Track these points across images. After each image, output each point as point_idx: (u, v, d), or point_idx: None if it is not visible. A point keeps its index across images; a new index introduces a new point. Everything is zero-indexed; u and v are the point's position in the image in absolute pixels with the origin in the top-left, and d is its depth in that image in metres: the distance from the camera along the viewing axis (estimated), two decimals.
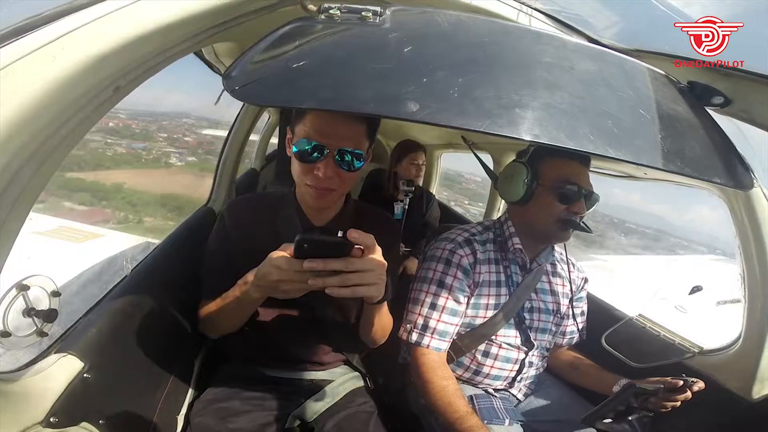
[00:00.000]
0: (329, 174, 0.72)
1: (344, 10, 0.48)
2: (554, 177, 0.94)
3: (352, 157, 0.72)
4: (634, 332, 1.23)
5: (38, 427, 0.54)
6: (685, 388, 0.81)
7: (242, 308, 0.76)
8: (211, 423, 0.79)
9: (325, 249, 0.57)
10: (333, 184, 0.74)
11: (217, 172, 1.58)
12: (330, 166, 0.72)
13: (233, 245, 0.84)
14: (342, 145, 0.71)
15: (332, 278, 0.58)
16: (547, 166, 0.96)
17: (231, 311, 0.77)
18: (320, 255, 0.57)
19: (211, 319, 0.82)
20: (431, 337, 0.95)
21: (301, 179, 0.76)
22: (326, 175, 0.72)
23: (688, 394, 0.82)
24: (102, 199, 8.36)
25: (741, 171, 0.60)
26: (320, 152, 0.71)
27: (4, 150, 0.35)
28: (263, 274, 0.63)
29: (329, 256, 0.58)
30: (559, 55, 0.52)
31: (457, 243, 1.00)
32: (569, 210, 0.93)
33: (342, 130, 0.71)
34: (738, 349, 0.97)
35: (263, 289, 0.66)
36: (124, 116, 10.50)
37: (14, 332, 0.53)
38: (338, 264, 0.58)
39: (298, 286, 0.61)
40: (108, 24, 0.40)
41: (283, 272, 0.60)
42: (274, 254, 0.62)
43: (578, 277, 1.13)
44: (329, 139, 0.70)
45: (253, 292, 0.68)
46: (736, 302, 0.99)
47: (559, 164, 0.95)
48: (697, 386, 0.82)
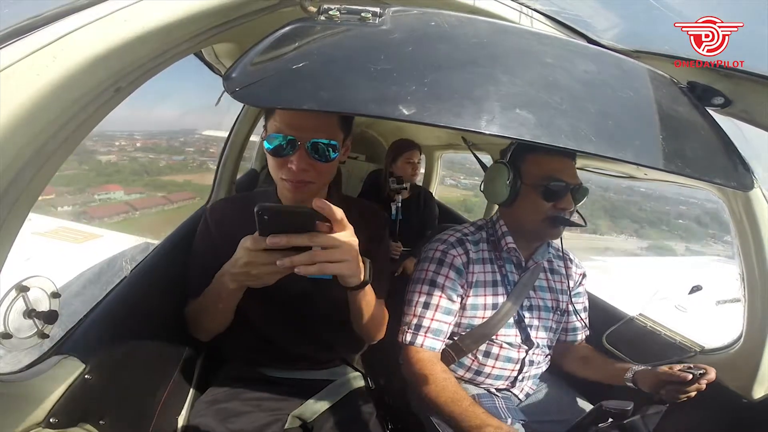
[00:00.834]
0: (302, 166, 0.72)
1: (344, 11, 0.48)
2: (537, 174, 0.93)
3: (326, 147, 0.72)
4: (635, 332, 1.24)
5: (38, 428, 0.54)
6: (693, 380, 0.81)
7: (222, 303, 0.76)
8: (212, 424, 0.79)
9: (287, 221, 0.56)
10: (308, 176, 0.74)
11: (218, 172, 1.58)
12: (303, 158, 0.72)
13: (216, 246, 0.83)
14: (314, 136, 0.71)
15: (299, 256, 0.57)
16: (529, 163, 0.94)
17: (211, 308, 0.78)
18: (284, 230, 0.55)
19: (194, 318, 0.83)
20: (425, 336, 0.95)
21: (276, 174, 0.76)
22: (299, 167, 0.72)
23: (701, 386, 0.82)
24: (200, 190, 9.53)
25: (741, 171, 0.60)
26: (292, 145, 0.71)
27: (5, 151, 0.35)
28: (234, 260, 0.63)
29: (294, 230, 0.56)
30: (559, 56, 0.52)
31: (449, 243, 1.00)
32: (556, 207, 0.92)
33: (312, 123, 0.71)
34: (738, 348, 0.97)
35: (237, 277, 0.65)
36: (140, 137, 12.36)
37: (15, 334, 0.53)
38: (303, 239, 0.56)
39: (267, 268, 0.60)
40: (108, 25, 0.40)
41: (251, 253, 0.59)
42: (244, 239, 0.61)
43: (576, 272, 1.12)
44: (300, 131, 0.70)
45: (228, 282, 0.67)
46: (736, 302, 0.99)
47: (541, 161, 0.93)
48: (706, 378, 0.81)
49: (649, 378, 0.91)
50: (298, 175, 0.73)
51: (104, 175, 11.31)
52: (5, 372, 0.54)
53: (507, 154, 1.00)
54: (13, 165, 0.37)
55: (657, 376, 0.88)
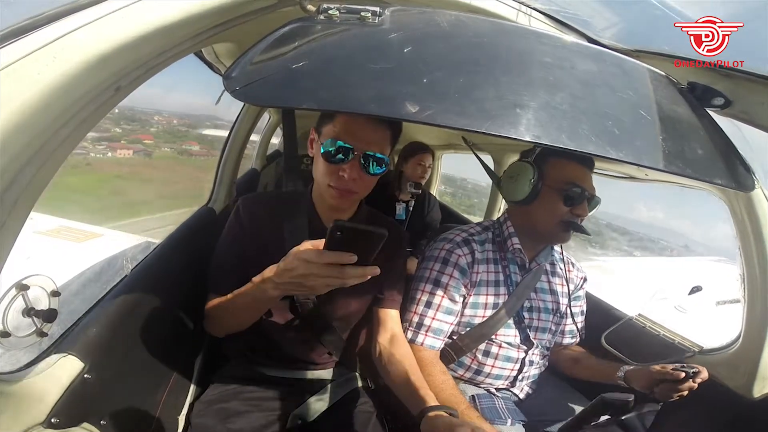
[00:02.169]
0: (353, 176, 0.73)
1: (343, 11, 0.48)
2: (560, 178, 0.94)
3: (376, 162, 0.73)
4: (634, 332, 1.23)
5: (39, 427, 0.54)
6: (687, 378, 0.81)
7: (256, 306, 0.75)
8: (212, 423, 0.79)
9: (359, 240, 0.54)
10: (355, 186, 0.75)
11: (218, 172, 1.58)
12: (355, 168, 0.73)
13: (244, 242, 0.84)
14: (368, 148, 0.72)
15: (354, 270, 0.56)
16: (553, 167, 0.96)
17: (242, 309, 0.76)
18: (351, 248, 0.55)
19: (219, 316, 0.82)
20: (425, 335, 0.95)
21: (324, 179, 0.76)
22: (351, 176, 0.72)
23: (693, 384, 0.82)
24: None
25: (742, 172, 0.60)
26: (346, 154, 0.72)
27: (5, 150, 0.35)
28: (286, 269, 0.60)
29: (361, 249, 0.55)
30: (560, 55, 0.52)
31: (455, 243, 1.00)
32: (572, 212, 0.94)
33: (370, 134, 0.72)
34: (738, 348, 0.97)
35: (284, 287, 0.63)
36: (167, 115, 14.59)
37: (14, 332, 0.53)
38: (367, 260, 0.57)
39: (325, 281, 0.58)
40: (109, 24, 0.40)
41: (312, 266, 0.57)
42: (300, 247, 0.59)
43: (577, 276, 1.13)
44: (357, 141, 0.71)
45: (271, 289, 0.65)
46: (736, 302, 0.99)
47: (565, 166, 0.95)
48: (700, 377, 0.82)
49: (641, 377, 0.91)
50: (348, 183, 0.73)
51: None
52: (4, 371, 0.54)
53: (531, 154, 1.02)
54: (14, 164, 0.37)
55: (649, 375, 0.88)
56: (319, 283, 0.59)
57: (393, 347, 0.87)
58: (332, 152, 0.71)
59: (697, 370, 0.82)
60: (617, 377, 0.96)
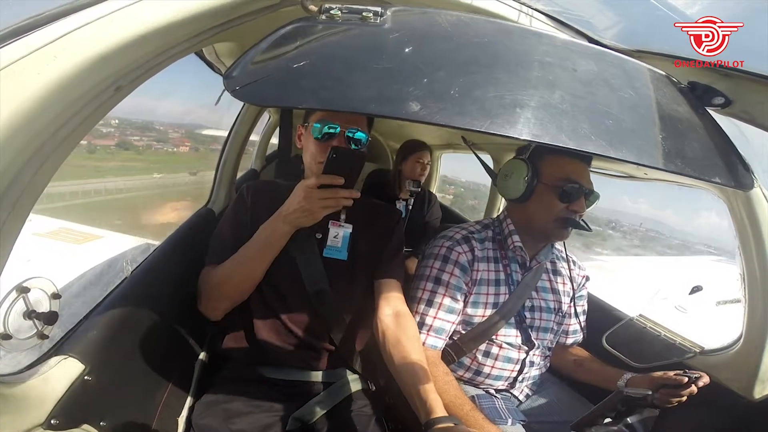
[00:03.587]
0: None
1: (345, 11, 0.48)
2: (555, 175, 0.94)
3: (359, 138, 0.85)
4: (635, 333, 1.23)
5: (39, 429, 0.54)
6: (689, 383, 0.81)
7: (268, 250, 0.83)
8: (214, 424, 0.79)
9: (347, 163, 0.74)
10: None
11: (218, 172, 1.57)
12: (342, 142, 0.83)
13: (246, 222, 0.90)
14: (350, 126, 0.84)
15: (343, 191, 0.75)
16: (548, 163, 0.95)
17: (251, 260, 0.83)
18: (341, 171, 0.73)
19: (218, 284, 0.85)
20: (427, 334, 0.95)
21: (315, 159, 0.85)
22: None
23: (693, 389, 0.81)
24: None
25: (741, 171, 0.60)
26: (334, 130, 0.83)
27: (4, 151, 0.35)
28: (289, 204, 0.78)
29: (347, 172, 0.74)
30: (560, 55, 0.52)
31: (455, 240, 1.00)
32: (569, 208, 0.93)
33: (348, 115, 0.85)
34: (739, 348, 0.97)
35: (291, 217, 0.78)
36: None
37: (15, 335, 0.53)
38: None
39: (321, 203, 0.75)
40: (109, 24, 0.40)
41: (311, 191, 0.75)
42: (301, 183, 0.77)
43: (579, 275, 1.12)
44: (340, 121, 0.83)
45: (281, 224, 0.79)
46: (736, 302, 0.99)
47: (561, 162, 0.94)
48: (702, 381, 0.81)
49: (643, 383, 0.90)
50: None
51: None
52: (5, 373, 0.54)
53: (526, 152, 1.02)
54: (14, 164, 0.37)
55: (652, 380, 0.88)
56: (317, 205, 0.76)
57: (399, 329, 0.84)
58: (321, 131, 0.83)
59: (699, 376, 0.82)
60: (618, 385, 0.94)
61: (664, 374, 0.86)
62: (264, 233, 0.82)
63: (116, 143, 11.04)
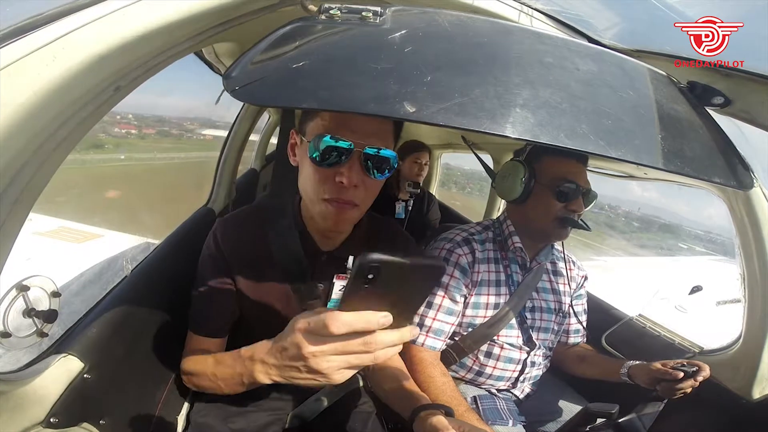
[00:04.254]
0: (354, 181, 0.56)
1: (344, 11, 0.48)
2: (552, 175, 0.94)
3: (382, 159, 0.57)
4: (635, 332, 1.24)
5: (39, 427, 0.54)
6: (686, 378, 0.82)
7: (242, 383, 0.58)
8: (213, 423, 0.79)
9: (397, 281, 0.33)
10: (358, 196, 0.59)
11: (217, 172, 1.58)
12: (356, 170, 0.56)
13: (225, 268, 0.73)
14: (370, 143, 0.56)
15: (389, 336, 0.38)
16: (545, 164, 0.96)
17: (222, 387, 0.62)
18: (384, 295, 0.34)
19: (195, 378, 0.70)
20: (426, 336, 0.95)
21: (316, 192, 0.59)
22: (351, 182, 0.56)
23: (696, 382, 0.83)
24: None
25: (741, 171, 0.60)
26: (344, 153, 0.55)
27: (4, 150, 0.35)
28: (280, 348, 0.44)
29: (396, 293, 0.34)
30: (560, 55, 0.52)
31: (455, 242, 1.00)
32: (567, 208, 0.94)
33: (369, 125, 0.56)
34: (738, 349, 0.97)
35: (281, 371, 0.46)
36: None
37: (14, 333, 0.53)
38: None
39: (343, 360, 0.39)
40: (108, 24, 0.40)
41: (321, 340, 0.39)
42: (300, 317, 0.42)
43: (578, 275, 1.13)
44: (354, 135, 0.55)
45: (261, 374, 0.49)
46: (736, 302, 0.99)
47: (557, 162, 0.95)
48: (701, 375, 0.82)
49: (643, 373, 0.91)
50: (348, 193, 0.58)
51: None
52: (4, 371, 0.54)
53: (523, 153, 1.02)
54: (14, 164, 0.37)
55: (651, 372, 0.89)
56: (333, 366, 0.40)
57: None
58: (325, 152, 0.54)
59: (697, 368, 0.82)
60: (621, 374, 0.96)
61: (663, 365, 0.87)
62: (238, 369, 0.56)
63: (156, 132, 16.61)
